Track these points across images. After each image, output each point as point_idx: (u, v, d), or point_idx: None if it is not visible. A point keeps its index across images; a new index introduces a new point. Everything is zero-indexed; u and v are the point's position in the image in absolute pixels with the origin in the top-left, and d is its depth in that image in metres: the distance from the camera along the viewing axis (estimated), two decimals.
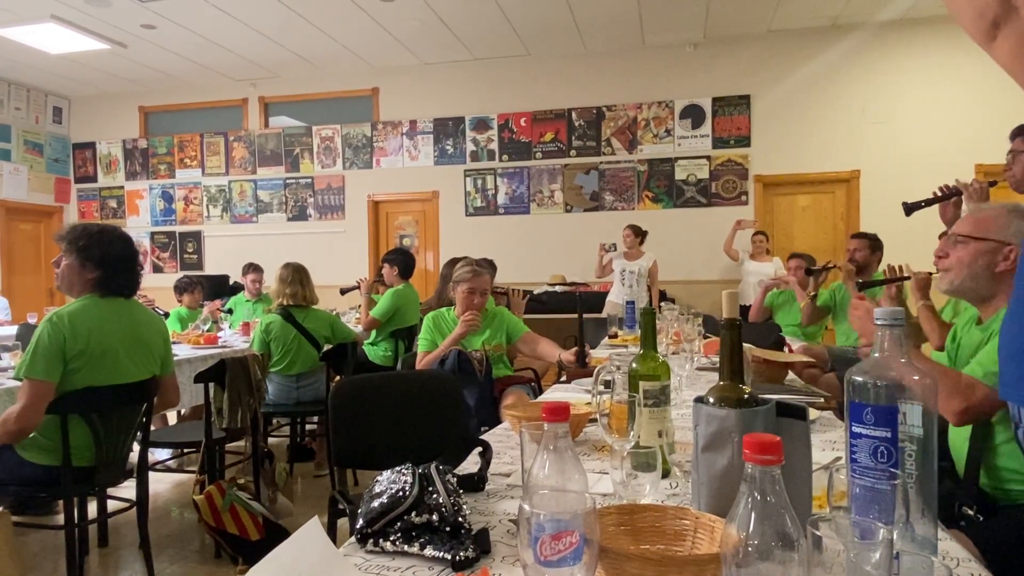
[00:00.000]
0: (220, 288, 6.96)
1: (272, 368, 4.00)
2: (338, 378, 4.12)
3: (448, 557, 0.99)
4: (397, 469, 1.15)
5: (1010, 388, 1.00)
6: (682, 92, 7.41)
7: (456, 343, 3.14)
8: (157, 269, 8.82)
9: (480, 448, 1.47)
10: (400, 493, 1.08)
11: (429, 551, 1.01)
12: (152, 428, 2.98)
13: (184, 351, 4.13)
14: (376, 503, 1.08)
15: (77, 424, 2.45)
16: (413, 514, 1.06)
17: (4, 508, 2.26)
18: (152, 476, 3.20)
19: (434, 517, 1.05)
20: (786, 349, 3.89)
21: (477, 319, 3.16)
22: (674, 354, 2.52)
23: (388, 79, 8.15)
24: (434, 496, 1.08)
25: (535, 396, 3.11)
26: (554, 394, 2.51)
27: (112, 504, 2.98)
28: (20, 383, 2.41)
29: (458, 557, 0.98)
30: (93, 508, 2.98)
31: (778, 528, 0.67)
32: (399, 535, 1.05)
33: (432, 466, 1.15)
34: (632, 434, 1.19)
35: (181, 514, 3.67)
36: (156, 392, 2.72)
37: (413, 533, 1.05)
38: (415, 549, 1.02)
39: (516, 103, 7.81)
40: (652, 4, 6.35)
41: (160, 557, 3.03)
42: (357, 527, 1.08)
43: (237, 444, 3.53)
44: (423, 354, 3.24)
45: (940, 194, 2.99)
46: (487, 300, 3.31)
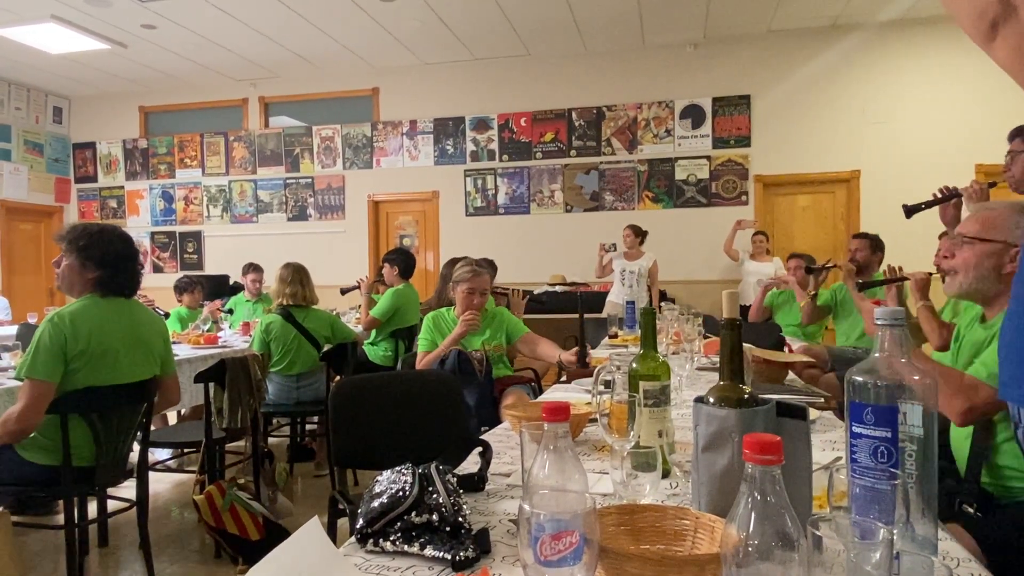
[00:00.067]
0: (220, 288, 6.96)
1: (272, 368, 4.00)
2: (338, 378, 4.12)
3: (448, 557, 0.99)
4: (397, 469, 1.15)
5: (1009, 388, 1.00)
6: (682, 92, 7.40)
7: (456, 343, 3.15)
8: (157, 269, 8.82)
9: (480, 448, 1.47)
10: (400, 493, 1.08)
11: (429, 551, 1.01)
12: (152, 428, 2.98)
13: (184, 351, 4.13)
14: (376, 503, 1.08)
15: (77, 424, 2.45)
16: (413, 514, 1.06)
17: (4, 508, 2.26)
18: (152, 476, 3.20)
19: (434, 517, 1.05)
20: (786, 349, 3.90)
21: (477, 319, 3.16)
22: (674, 354, 2.52)
23: (388, 79, 8.15)
24: (434, 496, 1.08)
25: (535, 396, 3.11)
26: (554, 394, 2.51)
27: (112, 504, 2.97)
28: (21, 383, 2.41)
29: (458, 557, 0.98)
30: (93, 508, 2.98)
31: (778, 528, 0.67)
32: (399, 535, 1.05)
33: (432, 466, 1.14)
34: (632, 434, 1.19)
35: (181, 514, 3.67)
36: (156, 392, 2.72)
37: (413, 533, 1.05)
38: (415, 549, 1.02)
39: (516, 103, 7.81)
40: (652, 4, 6.35)
41: (160, 557, 3.03)
42: (357, 527, 1.07)
43: (237, 444, 3.53)
44: (423, 354, 3.24)
45: (940, 196, 2.99)
46: (487, 300, 3.31)
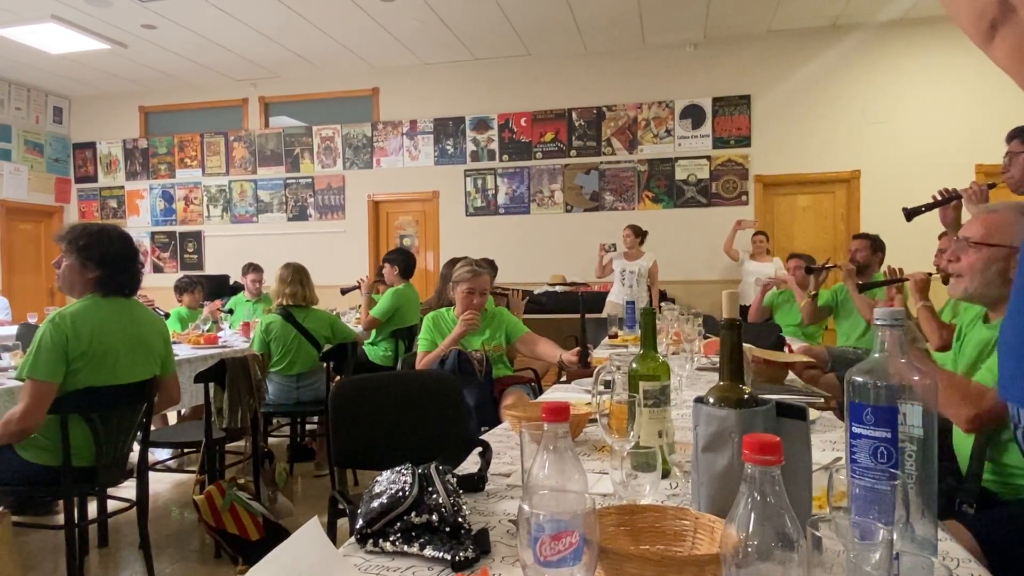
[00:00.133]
0: (220, 288, 6.97)
1: (272, 368, 4.00)
2: (338, 378, 4.12)
3: (448, 557, 0.99)
4: (397, 469, 1.15)
5: (1008, 388, 1.00)
6: (682, 92, 7.40)
7: (456, 343, 3.15)
8: (157, 269, 8.82)
9: (480, 448, 1.47)
10: (400, 493, 1.08)
11: (429, 551, 1.01)
12: (152, 428, 2.98)
13: (184, 351, 4.13)
14: (376, 503, 1.08)
15: (77, 424, 2.45)
16: (413, 514, 1.06)
17: (4, 508, 2.26)
18: (152, 476, 3.20)
19: (434, 517, 1.05)
20: (786, 349, 3.89)
21: (476, 318, 3.17)
22: (674, 354, 2.52)
23: (388, 79, 8.15)
24: (434, 496, 1.08)
25: (535, 396, 3.11)
26: (554, 394, 2.51)
27: (112, 504, 2.97)
28: (21, 383, 2.41)
29: (458, 557, 0.98)
30: (93, 508, 2.98)
31: (778, 528, 0.66)
32: (399, 535, 1.05)
33: (432, 466, 1.14)
34: (632, 434, 1.19)
35: (181, 514, 3.67)
36: (156, 392, 2.72)
37: (413, 533, 1.05)
38: (415, 549, 1.02)
39: (516, 103, 7.81)
40: (652, 4, 6.35)
41: (160, 557, 3.03)
42: (357, 527, 1.07)
43: (237, 444, 3.53)
44: (423, 354, 3.24)
45: (939, 198, 2.99)
46: (487, 300, 3.31)
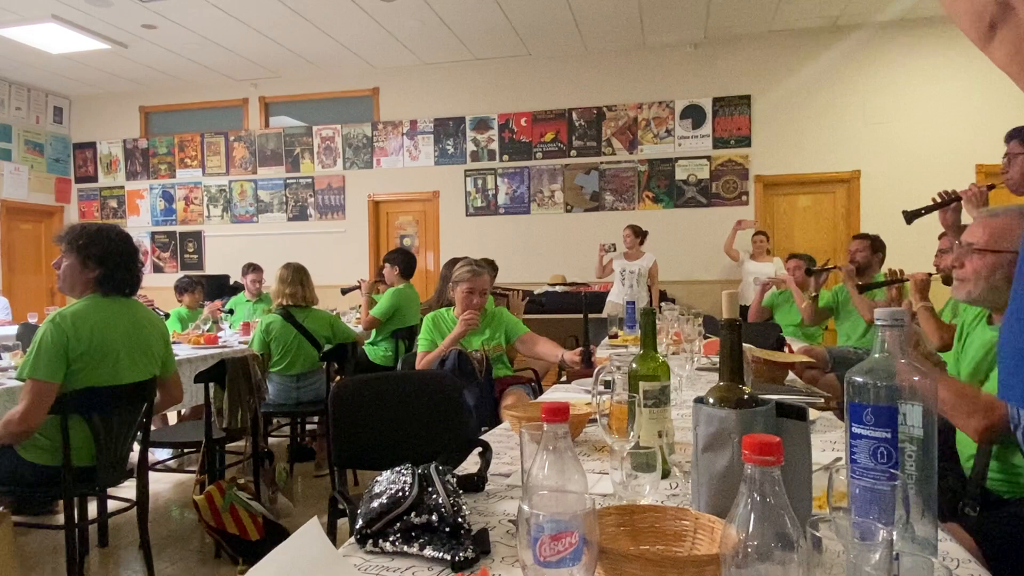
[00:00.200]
0: (220, 288, 6.97)
1: (272, 368, 4.00)
2: (338, 378, 4.13)
3: (448, 557, 0.99)
4: (397, 469, 1.15)
5: (1008, 388, 0.99)
6: (682, 92, 7.40)
7: (455, 343, 3.15)
8: (157, 269, 8.82)
9: (480, 448, 1.47)
10: (400, 493, 1.08)
11: (429, 551, 1.01)
12: (152, 428, 2.98)
13: (184, 351, 4.12)
14: (376, 503, 1.08)
15: (77, 424, 2.45)
16: (413, 514, 1.06)
17: (4, 508, 2.26)
18: (152, 476, 3.20)
19: (434, 517, 1.05)
20: (786, 349, 3.89)
21: (476, 318, 3.17)
22: (674, 354, 2.52)
23: (388, 79, 8.15)
24: (434, 496, 1.08)
25: (535, 396, 3.11)
26: (554, 394, 2.51)
27: (112, 504, 2.98)
28: (22, 383, 2.41)
29: (458, 557, 0.98)
30: (93, 508, 2.98)
31: (778, 529, 0.66)
32: (399, 535, 1.05)
33: (432, 466, 1.14)
34: (632, 434, 1.19)
35: (181, 514, 3.67)
36: (156, 392, 2.72)
37: (413, 533, 1.05)
38: (415, 549, 1.02)
39: (516, 103, 7.81)
40: (652, 4, 6.35)
41: (160, 557, 3.03)
42: (357, 527, 1.07)
43: (237, 444, 3.53)
44: (423, 354, 3.24)
45: (939, 200, 3.00)
46: (487, 300, 3.31)
